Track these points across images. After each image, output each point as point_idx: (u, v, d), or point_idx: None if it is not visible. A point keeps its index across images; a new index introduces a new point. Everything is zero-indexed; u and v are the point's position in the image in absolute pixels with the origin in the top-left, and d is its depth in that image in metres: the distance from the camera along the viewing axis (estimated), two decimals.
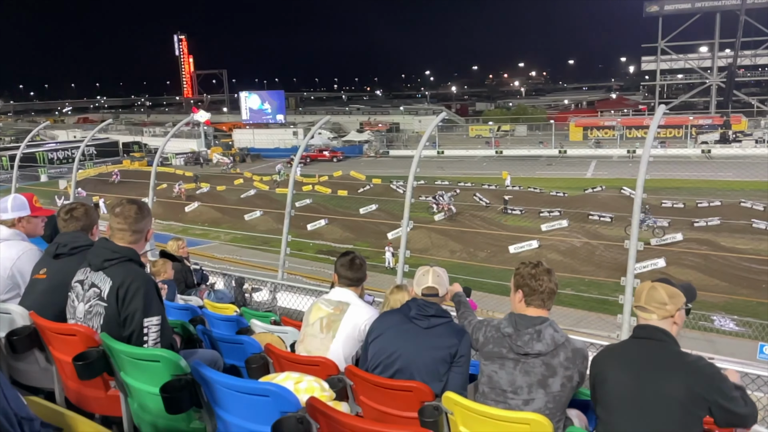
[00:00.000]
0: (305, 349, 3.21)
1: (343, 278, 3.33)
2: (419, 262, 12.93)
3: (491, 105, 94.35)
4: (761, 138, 48.89)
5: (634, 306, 2.49)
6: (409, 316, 2.87)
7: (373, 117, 77.37)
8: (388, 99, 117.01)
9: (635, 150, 44.23)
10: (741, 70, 64.49)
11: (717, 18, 61.74)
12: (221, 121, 78.49)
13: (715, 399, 2.21)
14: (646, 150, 5.94)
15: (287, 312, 7.51)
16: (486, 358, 2.69)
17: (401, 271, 7.45)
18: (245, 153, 58.02)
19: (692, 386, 2.19)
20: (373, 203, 31.24)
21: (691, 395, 2.18)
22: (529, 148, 53.84)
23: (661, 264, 19.81)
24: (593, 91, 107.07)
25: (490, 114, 77.44)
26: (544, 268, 2.66)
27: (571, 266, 21.35)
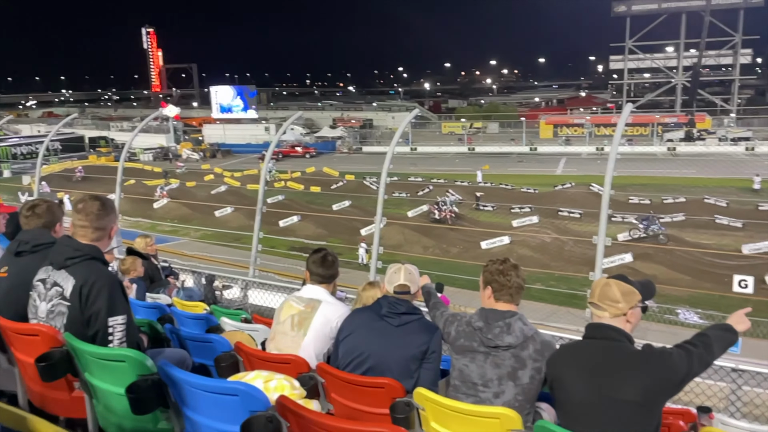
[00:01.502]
0: (276, 347, 3.18)
1: (314, 275, 3.31)
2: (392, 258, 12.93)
3: (464, 102, 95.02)
4: (724, 136, 50.36)
5: (588, 302, 2.46)
6: (381, 314, 2.87)
7: (346, 113, 77.13)
8: (361, 95, 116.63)
9: (603, 147, 45.17)
10: (705, 69, 66.25)
11: (683, 19, 63.26)
12: (191, 116, 77.32)
13: (671, 392, 2.28)
14: (613, 148, 6.06)
15: (259, 309, 7.44)
16: (457, 352, 2.72)
17: (374, 268, 7.47)
18: (216, 148, 57.29)
19: (648, 387, 2.19)
20: (347, 199, 31.14)
21: (647, 395, 2.20)
22: (500, 145, 54.48)
23: (628, 259, 20.22)
24: (563, 89, 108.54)
25: (463, 111, 77.98)
26: (511, 264, 2.70)
27: (542, 261, 21.63)
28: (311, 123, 69.33)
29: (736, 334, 2.41)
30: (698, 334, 2.40)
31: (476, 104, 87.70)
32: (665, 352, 2.27)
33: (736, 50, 62.65)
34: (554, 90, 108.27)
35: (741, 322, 2.45)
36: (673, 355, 2.26)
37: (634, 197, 28.99)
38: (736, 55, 62.99)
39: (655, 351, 2.28)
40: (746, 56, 63.86)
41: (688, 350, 2.29)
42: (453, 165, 44.68)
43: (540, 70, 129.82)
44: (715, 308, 16.48)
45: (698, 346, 2.32)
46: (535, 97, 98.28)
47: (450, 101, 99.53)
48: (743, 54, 63.17)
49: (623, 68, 68.07)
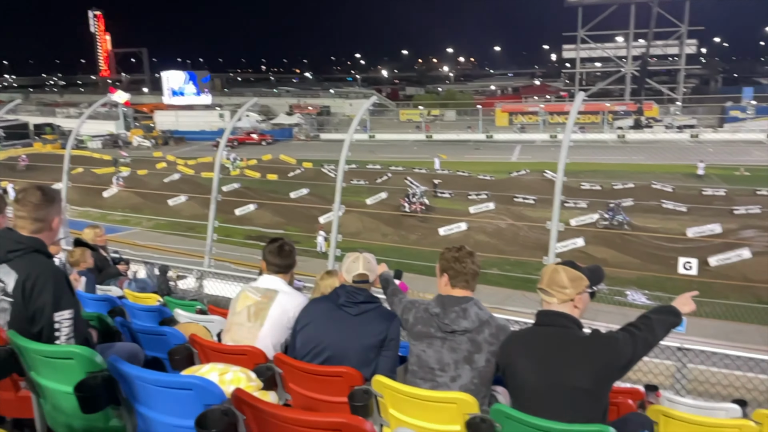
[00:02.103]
0: (232, 338, 3.13)
1: (271, 265, 3.26)
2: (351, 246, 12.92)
3: (421, 90, 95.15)
4: (670, 124, 52.17)
5: (537, 287, 2.49)
6: (339, 303, 2.86)
7: (303, 100, 76.16)
8: (319, 82, 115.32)
9: (557, 135, 46.14)
10: (653, 59, 68.23)
11: (632, 9, 64.85)
12: (141, 102, 74.85)
13: (618, 375, 2.35)
14: (566, 135, 6.19)
15: (215, 300, 7.32)
16: (415, 338, 2.75)
17: (333, 256, 7.45)
18: (168, 136, 55.74)
19: (596, 372, 2.26)
20: (304, 187, 30.87)
21: (595, 380, 2.26)
22: (457, 132, 54.91)
23: (580, 243, 20.77)
24: (518, 77, 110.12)
25: (421, 99, 78.12)
26: (466, 251, 2.74)
27: (498, 247, 22.02)
28: (267, 110, 68.16)
29: (679, 317, 2.49)
30: (642, 317, 2.46)
31: (434, 92, 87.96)
32: (611, 337, 2.33)
33: (682, 40, 64.75)
34: (509, 78, 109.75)
35: (686, 304, 2.54)
36: (619, 340, 2.32)
37: (585, 183, 29.76)
38: (681, 45, 65.10)
39: (602, 336, 2.34)
40: (691, 46, 66.10)
41: (633, 334, 2.35)
42: (411, 152, 44.81)
43: (496, 59, 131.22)
44: (662, 289, 17.16)
45: (642, 329, 2.38)
46: (491, 85, 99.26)
47: (408, 89, 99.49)
48: (689, 44, 65.36)
49: (575, 57, 69.45)
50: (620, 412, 2.80)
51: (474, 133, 54.62)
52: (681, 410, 2.74)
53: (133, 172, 36.07)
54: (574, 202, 25.92)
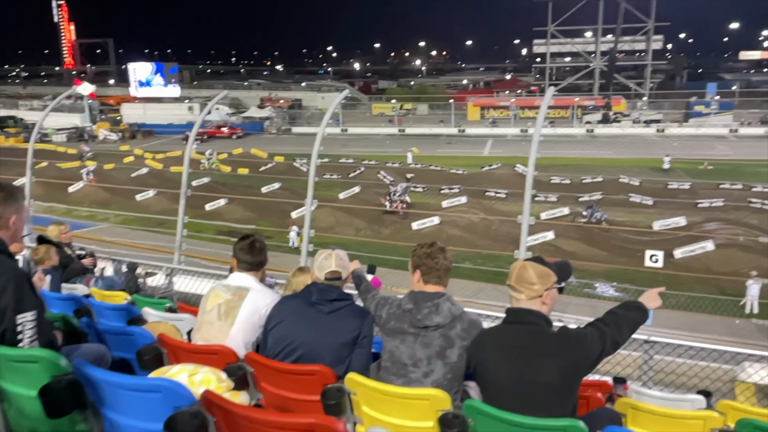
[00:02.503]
0: (202, 337, 3.09)
1: (242, 263, 3.22)
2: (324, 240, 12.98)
3: (394, 83, 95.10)
4: (638, 118, 53.21)
5: (506, 284, 2.50)
6: (311, 301, 2.83)
7: (275, 93, 75.36)
8: (290, 74, 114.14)
9: (528, 129, 46.63)
10: (621, 54, 69.42)
11: (600, 5, 65.81)
12: (108, 94, 73.24)
13: (586, 371, 2.38)
14: (537, 130, 6.26)
15: (185, 297, 7.21)
16: (388, 334, 2.76)
17: (305, 251, 7.42)
18: (135, 129, 54.62)
19: (565, 369, 2.29)
20: (276, 182, 30.58)
21: (565, 377, 2.29)
22: (430, 126, 55.09)
23: (550, 236, 21.08)
24: (489, 71, 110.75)
25: (393, 92, 78.08)
26: (438, 247, 2.75)
27: (470, 241, 22.18)
28: (238, 103, 67.32)
29: (646, 312, 2.54)
30: (610, 312, 2.50)
31: (406, 85, 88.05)
32: (580, 334, 2.36)
33: (649, 36, 65.94)
34: (481, 72, 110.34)
35: (653, 300, 2.58)
36: (587, 336, 2.35)
37: (555, 177, 30.17)
38: (648, 41, 66.31)
39: (570, 333, 2.37)
40: (658, 42, 67.35)
41: (601, 329, 2.39)
42: (384, 146, 44.81)
43: (467, 53, 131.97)
44: (630, 282, 17.54)
45: (610, 325, 2.41)
46: (463, 79, 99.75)
47: (380, 82, 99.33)
48: (655, 40, 66.59)
49: (546, 52, 70.20)
50: (590, 405, 2.85)
51: (446, 127, 54.87)
52: (648, 402, 2.80)
53: (100, 167, 35.24)
54: (545, 196, 26.26)
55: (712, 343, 4.62)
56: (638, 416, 2.68)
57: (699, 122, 50.64)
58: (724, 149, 40.66)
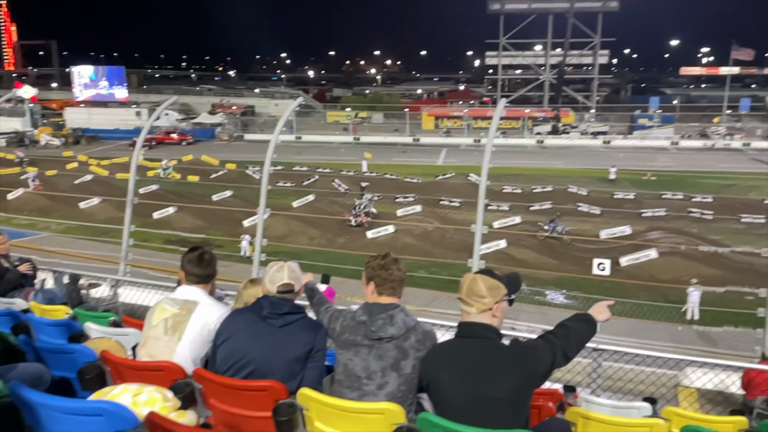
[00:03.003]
0: (148, 353, 2.96)
1: (190, 275, 3.11)
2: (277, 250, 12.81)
3: (348, 91, 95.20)
4: (585, 130, 55.06)
5: (457, 297, 2.50)
6: (262, 315, 2.76)
7: (226, 99, 74.27)
8: (243, 80, 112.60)
9: (480, 139, 47.52)
10: (569, 68, 71.81)
11: (550, 20, 67.95)
12: (50, 98, 70.42)
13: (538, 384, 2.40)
14: (489, 140, 6.37)
15: (131, 309, 6.97)
16: (342, 346, 2.72)
17: (257, 260, 7.30)
18: (79, 134, 52.71)
19: (517, 382, 2.30)
20: (228, 189, 30.06)
21: (516, 390, 2.31)
22: (385, 135, 55.40)
23: (502, 245, 21.46)
24: (443, 82, 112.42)
25: (348, 100, 78.14)
26: (392, 258, 2.74)
27: (424, 249, 22.36)
28: (188, 108, 65.97)
29: (595, 325, 2.58)
30: (560, 325, 2.53)
31: (361, 94, 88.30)
32: (531, 347, 2.38)
33: (596, 51, 68.52)
34: (435, 82, 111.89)
35: (602, 312, 2.63)
36: (538, 349, 2.38)
37: (507, 187, 30.78)
38: (595, 55, 68.91)
39: (521, 346, 2.39)
40: (604, 57, 70.05)
41: (552, 342, 2.42)
42: (338, 154, 44.75)
43: (422, 63, 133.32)
44: (578, 289, 18.05)
45: (561, 337, 2.45)
46: (418, 89, 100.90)
47: (335, 90, 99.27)
48: (601, 55, 69.25)
49: (498, 64, 71.79)
50: (541, 415, 2.88)
51: (401, 136, 55.31)
52: (597, 411, 2.86)
53: (41, 173, 33.82)
54: (497, 205, 26.74)
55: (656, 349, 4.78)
56: (588, 425, 2.73)
57: (642, 134, 52.90)
58: (666, 161, 42.51)
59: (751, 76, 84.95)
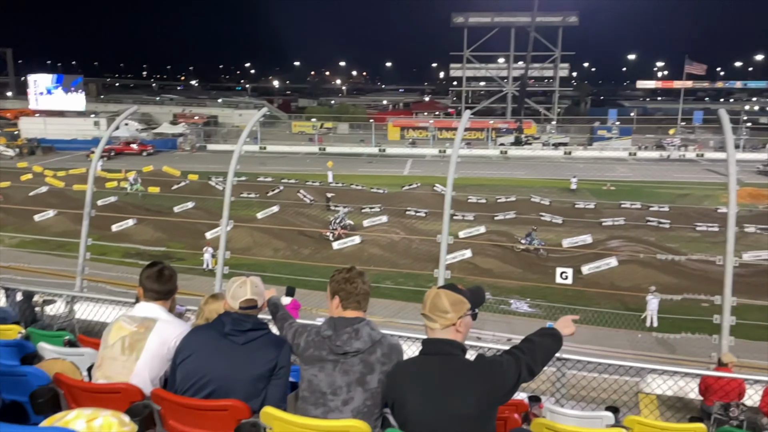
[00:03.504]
0: (104, 374, 2.85)
1: (149, 291, 3.02)
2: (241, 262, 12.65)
3: (314, 102, 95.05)
4: (547, 141, 56.31)
5: (421, 313, 2.48)
6: (224, 332, 2.69)
7: (189, 109, 73.20)
8: (206, 90, 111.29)
9: (445, 150, 48.03)
10: (531, 80, 73.37)
11: (512, 33, 69.38)
12: (5, 107, 68.34)
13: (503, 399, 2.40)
14: (454, 151, 6.43)
15: (87, 326, 6.74)
16: (306, 362, 2.68)
17: (220, 273, 7.19)
18: (35, 144, 51.11)
19: (483, 399, 2.29)
20: (190, 201, 29.52)
21: (482, 406, 2.30)
22: (350, 146, 55.49)
23: (468, 254, 21.65)
24: (409, 93, 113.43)
25: (313, 111, 77.98)
26: (357, 272, 2.72)
27: (391, 260, 22.39)
28: (149, 118, 64.78)
29: (560, 340, 2.60)
30: (526, 340, 2.54)
31: (326, 104, 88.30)
32: (496, 362, 2.38)
33: (556, 64, 70.20)
34: (401, 94, 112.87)
35: (567, 326, 2.66)
36: (503, 364, 2.37)
37: (472, 197, 31.13)
38: (556, 68, 70.58)
39: (486, 361, 2.38)
40: (564, 70, 71.82)
41: (517, 357, 2.42)
42: (304, 165, 44.56)
43: (387, 74, 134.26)
44: (542, 298, 18.32)
45: (526, 352, 2.45)
46: (383, 99, 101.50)
47: (300, 100, 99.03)
48: (562, 68, 70.98)
49: (462, 76, 72.82)
50: (507, 426, 2.89)
51: (367, 146, 55.46)
52: (561, 421, 2.88)
53: None
54: (462, 215, 27.01)
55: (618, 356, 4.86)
56: None
57: (602, 146, 54.36)
58: (624, 171, 43.73)
59: (703, 90, 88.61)
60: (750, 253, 21.16)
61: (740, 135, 49.32)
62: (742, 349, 7.71)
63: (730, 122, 6.17)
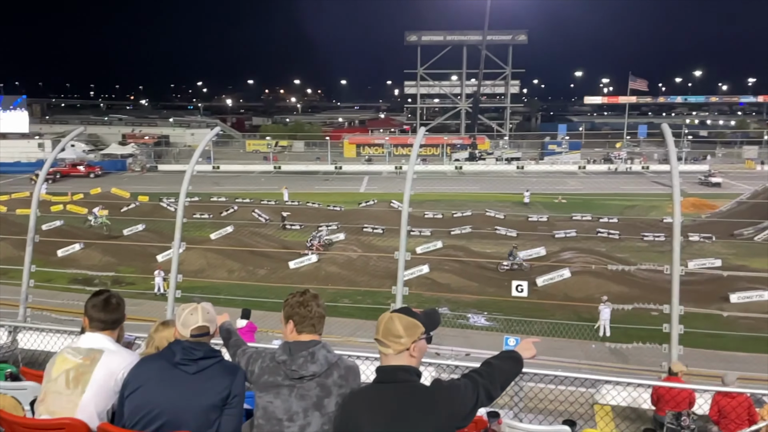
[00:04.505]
0: (47, 409, 2.71)
1: (95, 321, 2.89)
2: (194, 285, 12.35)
3: (268, 120, 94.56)
4: (500, 156, 57.62)
5: (374, 338, 2.42)
6: (174, 362, 2.59)
7: (139, 129, 71.78)
8: (156, 110, 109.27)
9: (402, 166, 48.47)
10: (484, 97, 75.17)
11: (464, 51, 71.03)
12: None
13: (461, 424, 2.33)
14: (410, 167, 6.49)
15: (31, 357, 6.42)
16: (261, 389, 2.61)
17: (172, 297, 7.01)
18: None
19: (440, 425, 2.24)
20: (140, 223, 28.75)
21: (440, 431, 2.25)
22: (306, 163, 55.39)
23: (425, 270, 21.74)
24: (364, 110, 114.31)
25: (268, 129, 77.59)
26: (311, 295, 2.68)
27: (349, 278, 22.29)
28: (97, 139, 63.20)
29: (521, 362, 2.59)
30: (485, 363, 2.51)
31: (281, 122, 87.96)
32: (453, 387, 2.34)
33: (507, 81, 72.26)
34: (356, 111, 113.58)
35: (528, 349, 2.65)
36: (460, 389, 2.34)
37: (429, 212, 31.43)
38: (507, 85, 72.65)
39: (443, 387, 2.33)
40: (515, 86, 74.02)
41: (475, 380, 2.39)
42: (258, 184, 44.14)
43: (342, 92, 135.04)
44: (499, 311, 18.54)
45: (484, 375, 2.42)
46: (339, 117, 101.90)
47: (254, 119, 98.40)
48: (513, 85, 73.12)
49: (416, 93, 73.95)
50: None
51: (323, 164, 55.46)
52: None
53: None
54: (419, 231, 27.23)
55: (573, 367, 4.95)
56: None
57: (552, 160, 56.06)
58: (574, 184, 45.10)
59: (646, 105, 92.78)
60: (695, 261, 22.03)
61: (682, 148, 51.81)
62: (691, 358, 7.98)
63: (672, 136, 6.42)
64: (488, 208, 32.97)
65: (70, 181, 43.10)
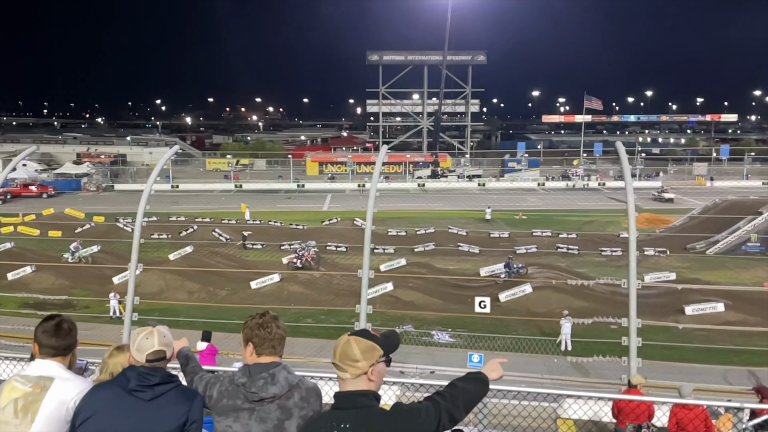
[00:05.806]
0: None
1: (45, 348, 2.76)
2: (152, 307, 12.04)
3: (229, 138, 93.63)
4: (462, 174, 58.39)
5: (331, 362, 2.36)
6: (129, 388, 2.49)
7: (94, 147, 70.01)
8: (113, 128, 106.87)
9: (364, 184, 48.59)
10: (445, 116, 76.33)
11: (425, 70, 72.16)
12: None
13: None
14: (373, 185, 6.50)
15: None
16: (220, 413, 2.54)
17: (128, 320, 6.81)
18: None
19: None
20: (95, 245, 27.86)
21: None
22: (268, 182, 54.93)
23: (389, 287, 21.71)
24: (326, 128, 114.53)
25: (228, 147, 76.79)
26: (271, 316, 2.63)
27: (311, 297, 22.05)
28: (50, 158, 61.32)
29: (487, 384, 2.57)
30: (450, 385, 2.47)
31: (242, 141, 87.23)
32: (413, 411, 2.29)
33: (467, 100, 73.70)
34: (318, 129, 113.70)
35: (495, 370, 2.62)
36: (421, 412, 2.29)
37: (392, 230, 31.49)
38: (467, 104, 74.08)
39: (404, 411, 2.29)
40: (475, 105, 75.53)
41: (437, 403, 2.33)
42: (219, 203, 43.46)
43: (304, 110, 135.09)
44: (463, 327, 18.61)
45: (448, 398, 2.37)
46: (301, 135, 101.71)
47: (215, 137, 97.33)
48: (473, 103, 74.59)
49: (378, 112, 74.59)
50: None
51: (285, 182, 55.09)
52: None
53: None
54: (383, 248, 27.21)
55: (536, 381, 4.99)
56: None
57: (512, 177, 57.18)
58: (534, 201, 46.00)
59: (601, 123, 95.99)
60: (651, 275, 22.65)
61: (636, 165, 53.58)
62: (650, 370, 8.15)
63: (626, 153, 6.62)
64: (451, 224, 33.22)
65: (22, 202, 41.75)
